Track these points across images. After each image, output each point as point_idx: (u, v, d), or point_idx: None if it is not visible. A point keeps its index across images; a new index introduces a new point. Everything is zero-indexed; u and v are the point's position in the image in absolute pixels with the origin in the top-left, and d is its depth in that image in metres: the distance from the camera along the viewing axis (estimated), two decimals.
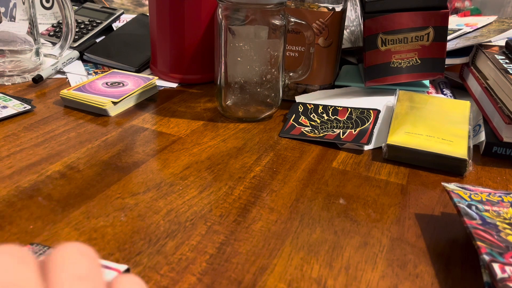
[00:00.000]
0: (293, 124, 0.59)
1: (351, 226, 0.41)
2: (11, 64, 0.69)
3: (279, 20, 0.56)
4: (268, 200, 0.44)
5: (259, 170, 0.49)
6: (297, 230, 0.40)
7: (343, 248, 0.39)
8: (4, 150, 0.50)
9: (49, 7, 0.89)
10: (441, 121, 0.57)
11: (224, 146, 0.54)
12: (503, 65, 0.60)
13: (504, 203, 0.41)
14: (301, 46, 0.64)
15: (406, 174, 0.50)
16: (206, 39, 0.69)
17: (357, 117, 0.60)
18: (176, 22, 0.68)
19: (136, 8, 1.05)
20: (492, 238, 0.36)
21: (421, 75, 0.66)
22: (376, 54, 0.64)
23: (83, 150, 0.51)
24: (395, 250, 0.39)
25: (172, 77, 0.71)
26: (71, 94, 0.60)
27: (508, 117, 0.53)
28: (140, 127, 0.57)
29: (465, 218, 0.38)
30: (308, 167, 0.50)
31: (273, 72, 0.59)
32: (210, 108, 0.64)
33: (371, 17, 0.62)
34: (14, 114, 0.58)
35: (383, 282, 0.35)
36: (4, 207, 0.41)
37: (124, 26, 0.86)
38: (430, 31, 0.63)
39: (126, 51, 0.78)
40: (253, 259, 0.37)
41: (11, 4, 0.67)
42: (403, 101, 0.62)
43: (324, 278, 0.35)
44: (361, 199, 0.45)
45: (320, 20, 0.62)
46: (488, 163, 0.54)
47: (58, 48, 0.73)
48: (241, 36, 0.57)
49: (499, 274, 0.32)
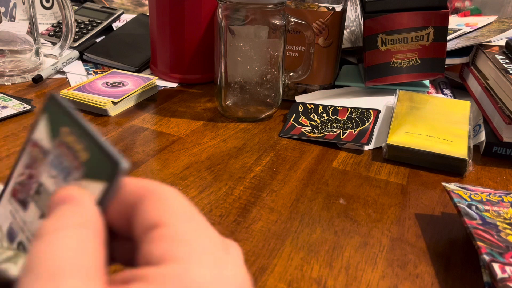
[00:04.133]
0: (293, 124, 0.59)
1: (351, 226, 0.41)
2: (11, 64, 0.69)
3: (279, 20, 0.56)
4: (268, 200, 0.44)
5: (259, 170, 0.49)
6: (297, 230, 0.40)
7: (343, 248, 0.39)
8: (4, 150, 0.50)
9: (49, 7, 0.89)
10: (441, 121, 0.57)
11: (224, 146, 0.54)
12: (503, 65, 0.60)
13: (504, 203, 0.41)
14: (301, 46, 0.64)
15: (406, 174, 0.50)
16: (206, 39, 0.69)
17: (357, 117, 0.59)
18: (176, 22, 0.68)
19: (136, 8, 1.05)
20: (492, 238, 0.36)
21: (421, 75, 0.66)
22: (376, 54, 0.64)
23: None
24: (395, 250, 0.39)
25: (172, 77, 0.71)
26: (71, 94, 0.60)
27: (508, 117, 0.53)
28: (140, 127, 0.57)
29: (465, 218, 0.38)
30: (308, 167, 0.50)
31: (273, 72, 0.59)
32: (210, 108, 0.64)
33: (371, 17, 0.62)
34: (14, 114, 0.58)
35: (383, 282, 0.35)
36: None
37: (124, 26, 0.86)
38: (430, 31, 0.63)
39: (126, 51, 0.78)
40: (253, 259, 0.37)
41: (11, 4, 0.67)
42: (403, 101, 0.62)
43: (324, 278, 0.35)
44: (361, 199, 0.45)
45: (320, 20, 0.62)
46: (488, 163, 0.54)
47: (58, 48, 0.73)
48: (241, 36, 0.57)
49: (499, 274, 0.32)
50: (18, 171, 0.23)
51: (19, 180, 0.23)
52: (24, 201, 0.23)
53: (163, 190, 0.20)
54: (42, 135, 0.22)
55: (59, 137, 0.21)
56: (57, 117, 0.22)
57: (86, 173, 0.20)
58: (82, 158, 0.20)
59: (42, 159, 0.22)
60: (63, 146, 0.21)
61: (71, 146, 0.21)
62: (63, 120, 0.21)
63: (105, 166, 0.19)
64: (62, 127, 0.21)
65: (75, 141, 0.21)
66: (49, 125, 0.22)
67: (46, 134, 0.22)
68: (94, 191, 0.20)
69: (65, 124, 0.21)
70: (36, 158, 0.22)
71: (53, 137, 0.22)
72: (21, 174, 0.23)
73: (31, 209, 0.22)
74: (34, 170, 0.22)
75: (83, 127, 0.21)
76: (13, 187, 0.23)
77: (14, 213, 0.23)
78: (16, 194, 0.23)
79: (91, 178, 0.20)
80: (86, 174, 0.20)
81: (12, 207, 0.23)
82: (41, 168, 0.22)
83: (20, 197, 0.23)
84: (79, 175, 0.20)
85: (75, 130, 0.21)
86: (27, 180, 0.23)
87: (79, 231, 0.18)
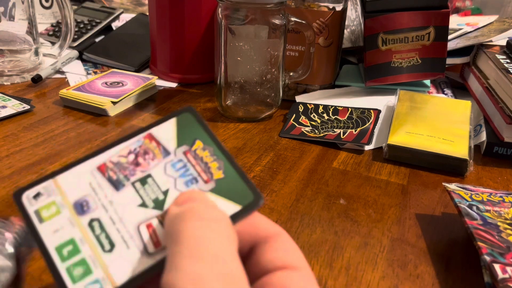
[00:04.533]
0: (293, 124, 0.58)
1: (351, 226, 0.41)
2: (10, 64, 0.69)
3: (279, 19, 0.56)
4: (268, 200, 0.44)
5: (259, 170, 0.49)
6: (297, 230, 0.40)
7: (344, 248, 0.38)
8: (4, 150, 0.50)
9: (48, 6, 0.89)
10: (442, 121, 0.56)
11: (224, 146, 0.54)
12: (504, 64, 0.60)
13: (505, 203, 0.40)
14: (301, 45, 0.63)
15: (406, 174, 0.50)
16: (206, 39, 0.69)
17: (357, 117, 0.59)
18: (176, 22, 0.68)
19: (136, 7, 1.05)
20: (493, 238, 0.35)
21: (421, 75, 0.65)
22: (377, 54, 0.64)
23: (82, 150, 0.51)
24: (395, 251, 0.38)
25: (171, 77, 0.71)
26: (71, 94, 0.60)
27: (509, 117, 0.53)
28: (140, 127, 0.57)
29: (466, 219, 0.38)
30: (308, 167, 0.50)
31: (273, 72, 0.58)
32: (210, 108, 0.64)
33: (371, 17, 0.62)
34: (13, 114, 0.58)
35: (384, 282, 0.35)
36: (3, 207, 0.41)
37: (123, 26, 0.86)
38: (430, 31, 0.63)
39: (126, 51, 0.78)
40: None
41: (10, 4, 0.66)
42: (404, 101, 0.61)
43: (325, 279, 0.35)
44: (361, 199, 0.45)
45: (321, 19, 0.62)
46: (489, 163, 0.54)
47: (57, 48, 0.73)
48: (241, 35, 0.57)
49: (500, 275, 0.32)
50: (118, 151, 0.24)
51: (116, 160, 0.24)
52: (117, 182, 0.23)
53: (287, 237, 0.22)
54: (166, 135, 0.24)
55: (189, 146, 0.24)
56: (189, 128, 0.24)
57: (217, 190, 0.22)
58: (215, 175, 0.23)
59: (159, 156, 0.24)
60: (192, 156, 0.23)
61: (204, 160, 0.23)
62: (197, 133, 0.24)
63: (245, 193, 0.22)
64: (195, 139, 0.24)
65: (208, 157, 0.23)
66: (179, 131, 0.24)
67: (173, 137, 0.24)
68: (225, 209, 0.22)
69: (199, 137, 0.24)
70: (151, 151, 0.24)
71: (181, 143, 0.24)
72: (123, 156, 0.24)
73: (126, 193, 0.23)
74: (143, 160, 0.24)
75: (221, 149, 0.24)
76: (104, 162, 0.24)
77: (95, 187, 0.23)
78: (106, 171, 0.23)
79: (224, 196, 0.22)
80: (218, 191, 0.22)
81: (95, 180, 0.23)
82: (154, 162, 0.24)
83: (112, 176, 0.23)
84: (208, 188, 0.22)
85: (210, 148, 0.23)
86: (130, 165, 0.23)
87: (229, 228, 0.20)
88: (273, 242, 0.22)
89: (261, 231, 0.22)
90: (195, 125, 0.24)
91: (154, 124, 0.25)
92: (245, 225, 0.22)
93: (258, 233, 0.22)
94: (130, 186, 0.23)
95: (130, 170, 0.23)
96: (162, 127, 0.24)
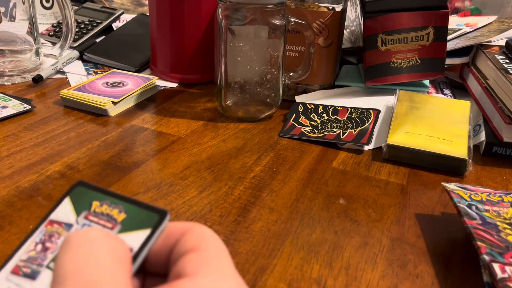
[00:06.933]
0: (293, 124, 0.59)
1: (351, 226, 0.41)
2: (11, 64, 0.69)
3: (279, 20, 0.56)
4: (268, 200, 0.44)
5: (259, 170, 0.49)
6: (297, 230, 0.40)
7: (343, 248, 0.39)
8: (4, 150, 0.50)
9: (49, 7, 0.89)
10: (441, 121, 0.57)
11: (224, 146, 0.54)
12: (503, 65, 0.60)
13: (504, 203, 0.41)
14: (301, 46, 0.64)
15: (406, 174, 0.50)
16: (206, 39, 0.69)
17: (357, 117, 0.59)
18: (176, 22, 0.68)
19: (136, 8, 1.05)
20: (492, 238, 0.36)
21: (421, 75, 0.66)
22: (376, 54, 0.64)
23: (83, 150, 0.51)
24: (395, 250, 0.39)
25: (172, 77, 0.71)
26: (71, 94, 0.60)
27: (508, 117, 0.53)
28: (140, 127, 0.57)
29: (465, 218, 0.38)
30: (308, 167, 0.50)
31: (273, 72, 0.59)
32: (210, 108, 0.64)
33: (371, 17, 0.62)
34: (14, 114, 0.58)
35: (383, 282, 0.35)
36: (4, 207, 0.41)
37: (124, 26, 0.86)
38: (430, 31, 0.63)
39: (126, 51, 0.78)
40: (253, 259, 0.37)
41: (11, 4, 0.67)
42: (403, 101, 0.62)
43: (324, 278, 0.35)
44: (361, 199, 0.45)
45: (320, 20, 0.62)
46: (488, 163, 0.54)
47: (58, 48, 0.73)
48: (241, 36, 0.57)
49: (499, 274, 0.32)
50: (26, 248, 0.25)
51: (26, 256, 0.24)
52: (32, 273, 0.24)
53: (201, 226, 0.23)
54: (64, 213, 0.25)
55: (87, 210, 0.25)
56: (83, 197, 0.25)
57: (124, 228, 0.23)
58: (119, 218, 0.24)
59: (63, 232, 0.25)
60: (93, 216, 0.24)
61: (105, 213, 0.24)
62: (92, 197, 0.25)
63: (149, 216, 0.23)
64: (91, 201, 0.25)
65: (108, 208, 0.24)
66: (74, 204, 0.25)
67: (71, 211, 0.25)
68: (137, 238, 0.23)
69: (95, 199, 0.25)
70: (55, 232, 0.25)
71: (79, 211, 0.25)
72: (31, 250, 0.24)
73: (44, 277, 0.24)
74: (51, 243, 0.24)
75: (116, 197, 0.25)
76: (16, 264, 0.24)
77: None
78: (20, 270, 0.24)
79: (133, 230, 0.23)
80: (126, 229, 0.23)
81: (12, 283, 0.24)
82: (61, 239, 0.24)
83: (26, 271, 0.24)
84: (116, 232, 0.23)
85: (107, 201, 0.24)
86: (40, 253, 0.24)
87: (111, 242, 0.20)
88: (187, 233, 0.22)
89: (176, 230, 0.23)
90: (88, 192, 0.25)
91: (51, 211, 0.25)
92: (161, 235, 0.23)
93: (173, 231, 0.23)
94: (46, 269, 0.24)
95: (41, 257, 0.24)
96: (59, 209, 0.25)
